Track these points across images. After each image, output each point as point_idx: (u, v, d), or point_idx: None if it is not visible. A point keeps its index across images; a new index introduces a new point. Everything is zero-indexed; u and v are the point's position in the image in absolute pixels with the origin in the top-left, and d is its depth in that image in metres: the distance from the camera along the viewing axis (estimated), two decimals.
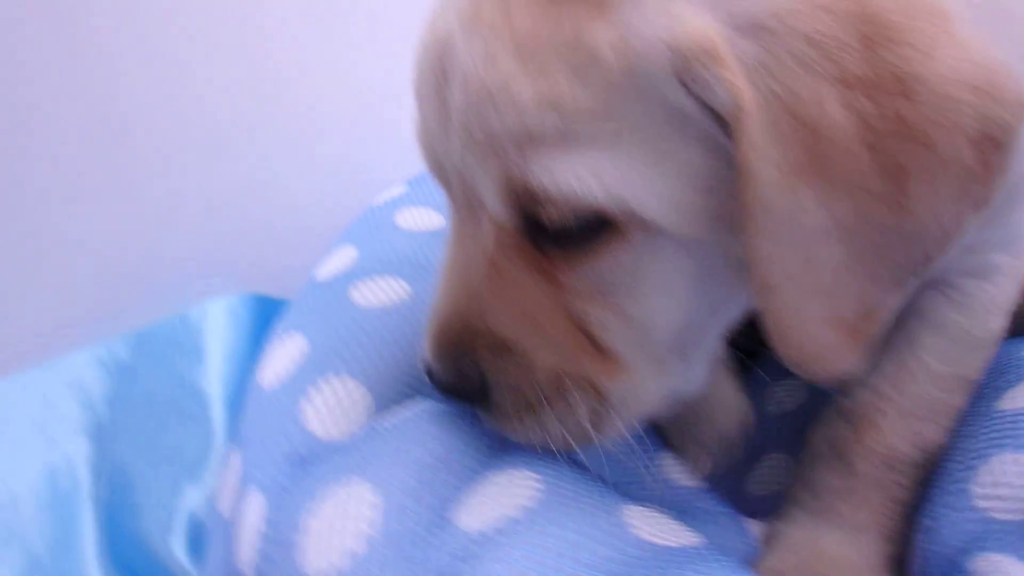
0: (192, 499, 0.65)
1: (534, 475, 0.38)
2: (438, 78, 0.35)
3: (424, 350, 0.41)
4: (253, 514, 0.41)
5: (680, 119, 0.32)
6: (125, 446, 0.65)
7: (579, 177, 0.32)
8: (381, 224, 0.68)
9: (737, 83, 0.30)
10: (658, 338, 0.38)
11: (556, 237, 0.36)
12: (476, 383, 0.39)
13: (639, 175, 0.32)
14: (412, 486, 0.38)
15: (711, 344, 0.40)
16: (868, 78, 0.29)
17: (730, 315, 0.39)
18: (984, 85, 0.29)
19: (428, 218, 0.69)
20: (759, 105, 0.30)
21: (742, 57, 0.30)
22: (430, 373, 0.41)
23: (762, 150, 0.30)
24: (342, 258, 0.62)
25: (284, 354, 0.51)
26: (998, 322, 0.46)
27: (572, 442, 0.38)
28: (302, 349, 0.50)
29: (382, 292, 0.55)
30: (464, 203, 0.38)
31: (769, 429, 0.40)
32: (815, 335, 0.32)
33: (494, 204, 0.36)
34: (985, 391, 0.47)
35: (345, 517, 0.36)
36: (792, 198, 0.30)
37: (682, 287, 0.36)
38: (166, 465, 0.65)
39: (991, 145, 0.30)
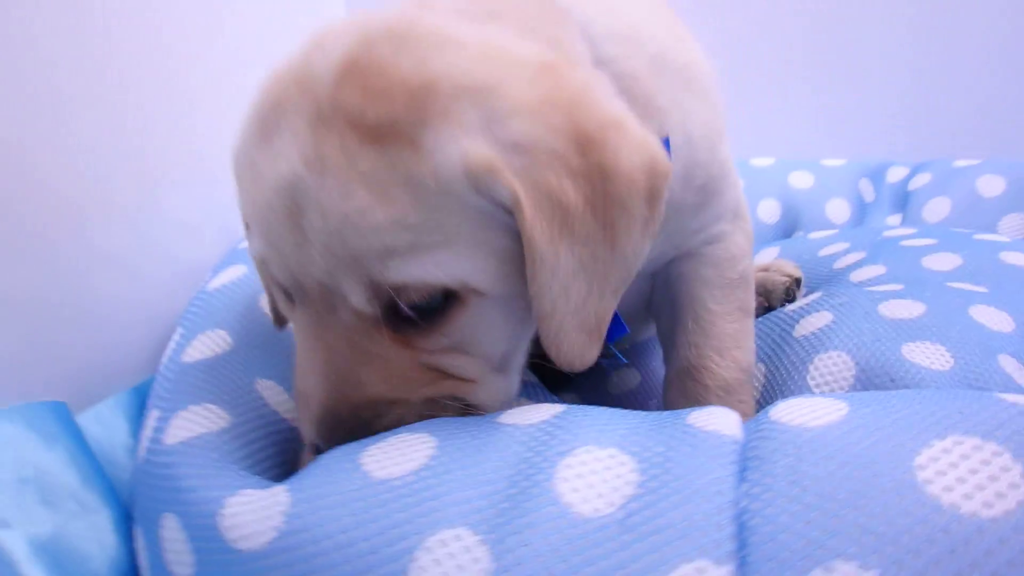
0: None
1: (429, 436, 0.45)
2: (291, 210, 0.44)
3: (312, 436, 0.49)
4: None
5: (485, 216, 0.45)
6: None
7: (428, 272, 0.44)
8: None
9: (512, 184, 0.43)
10: (494, 361, 0.52)
11: (409, 319, 0.47)
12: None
13: (468, 260, 0.45)
14: None
15: (521, 357, 0.55)
16: (585, 170, 0.44)
17: (528, 337, 0.54)
18: (650, 164, 0.46)
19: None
20: (527, 196, 0.43)
21: (511, 167, 0.43)
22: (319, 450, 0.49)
23: (534, 224, 0.43)
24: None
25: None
26: (743, 264, 0.66)
27: None
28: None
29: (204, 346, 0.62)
30: (322, 303, 0.47)
31: (619, 406, 0.51)
32: (573, 341, 0.47)
33: (360, 302, 0.46)
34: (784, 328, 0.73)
35: None
36: (554, 252, 0.44)
37: (502, 326, 0.50)
38: None
39: (655, 198, 0.47)
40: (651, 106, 0.55)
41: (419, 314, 0.46)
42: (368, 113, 0.43)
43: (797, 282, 0.88)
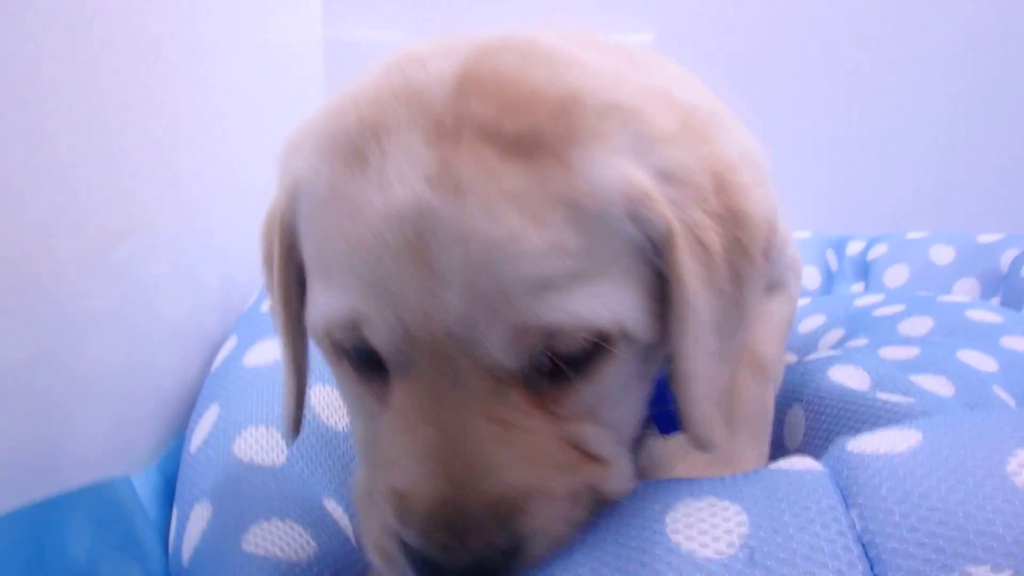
0: None
1: None
2: (414, 244, 0.36)
3: (418, 545, 0.37)
4: None
5: (636, 247, 0.40)
6: None
7: (588, 308, 0.38)
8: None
9: (667, 216, 0.39)
10: (626, 433, 0.45)
11: (548, 375, 0.40)
12: (503, 551, 0.37)
13: (625, 295, 0.39)
14: None
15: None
16: (720, 212, 0.41)
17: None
18: (772, 214, 0.43)
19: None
20: (680, 231, 0.39)
21: (665, 197, 0.39)
22: (436, 568, 0.37)
23: (687, 265, 0.39)
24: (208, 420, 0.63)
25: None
26: (792, 307, 0.69)
27: None
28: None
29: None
30: (443, 366, 0.38)
31: None
32: (708, 415, 0.42)
33: (502, 353, 0.38)
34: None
35: None
36: (705, 300, 0.40)
37: (640, 387, 0.44)
38: None
39: (769, 253, 0.44)
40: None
41: (569, 366, 0.39)
42: (506, 125, 0.37)
43: None
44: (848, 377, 0.70)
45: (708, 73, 0.60)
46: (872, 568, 0.34)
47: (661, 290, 0.41)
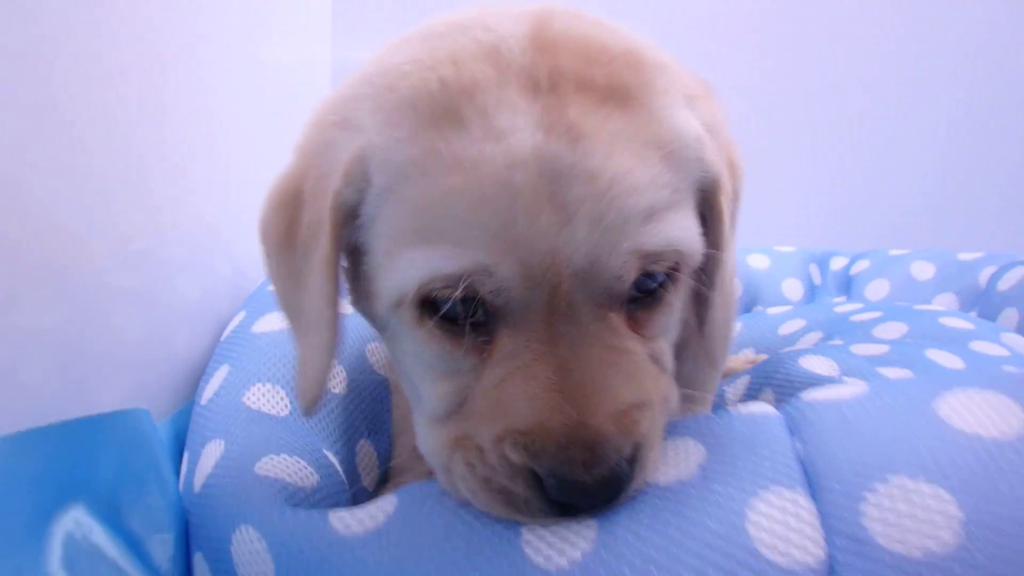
0: None
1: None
2: (542, 188, 0.39)
3: (558, 470, 0.38)
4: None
5: (698, 184, 0.45)
6: None
7: (679, 233, 0.42)
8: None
9: (716, 161, 0.45)
10: (674, 352, 0.50)
11: (640, 300, 0.44)
12: (628, 458, 0.40)
13: (693, 225, 0.44)
14: None
15: None
16: (729, 163, 0.48)
17: None
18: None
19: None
20: (721, 175, 0.46)
21: (713, 145, 0.45)
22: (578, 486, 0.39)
23: (725, 207, 0.46)
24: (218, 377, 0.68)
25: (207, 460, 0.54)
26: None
27: None
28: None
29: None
30: (561, 308, 0.41)
31: None
32: (721, 336, 0.50)
33: (617, 279, 0.41)
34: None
35: None
36: (733, 239, 0.46)
37: (682, 311, 0.50)
38: None
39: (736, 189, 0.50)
40: None
41: (646, 296, 0.44)
42: (596, 77, 0.41)
43: None
44: (817, 365, 0.74)
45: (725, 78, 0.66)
46: (809, 482, 0.38)
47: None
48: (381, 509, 0.42)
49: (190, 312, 0.81)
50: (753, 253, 1.38)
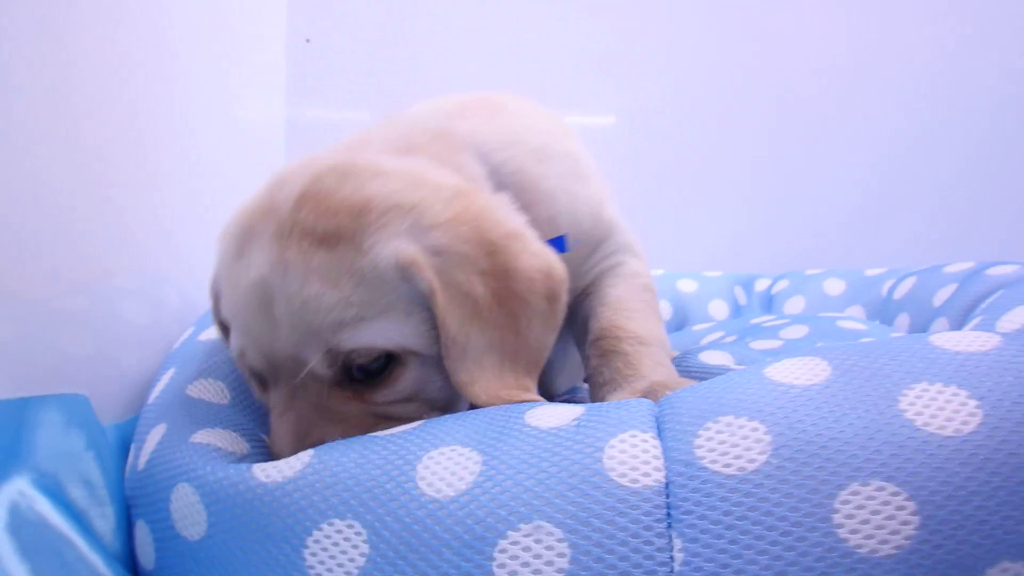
0: None
1: None
2: (263, 303, 0.56)
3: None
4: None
5: (411, 298, 0.56)
6: None
7: (372, 338, 0.56)
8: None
9: (430, 279, 0.55)
10: (439, 405, 0.61)
11: (363, 379, 0.58)
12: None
13: (403, 328, 0.57)
14: None
15: (463, 401, 0.63)
16: (492, 270, 0.57)
17: None
18: (546, 269, 0.59)
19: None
20: (442, 289, 0.55)
21: (431, 266, 0.56)
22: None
23: (446, 311, 0.55)
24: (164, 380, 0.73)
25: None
26: (642, 279, 0.78)
27: None
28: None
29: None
30: (290, 377, 0.57)
31: None
32: (482, 395, 0.56)
33: (320, 367, 0.56)
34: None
35: None
36: (465, 334, 0.56)
37: (442, 378, 0.60)
38: None
39: (555, 299, 0.59)
40: (539, 191, 0.70)
41: (369, 374, 0.57)
42: (319, 226, 0.56)
43: None
44: (714, 358, 0.83)
45: (660, 147, 0.77)
46: (659, 428, 0.46)
47: None
48: (299, 460, 0.48)
49: (139, 336, 0.87)
50: (682, 278, 1.48)
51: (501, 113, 0.76)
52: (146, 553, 0.53)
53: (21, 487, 0.52)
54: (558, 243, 0.70)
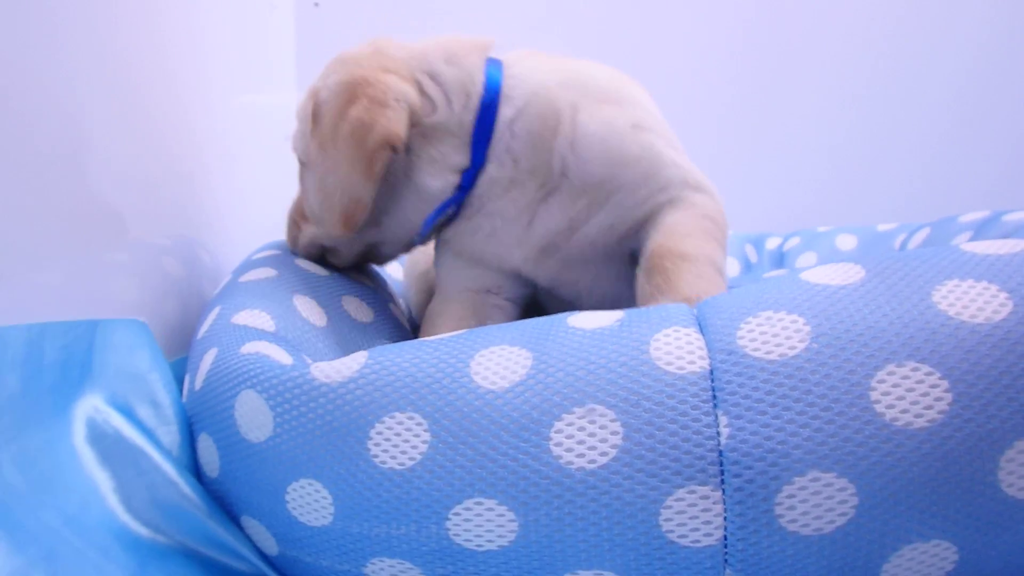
0: None
1: None
2: None
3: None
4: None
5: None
6: None
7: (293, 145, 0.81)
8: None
9: (307, 110, 0.75)
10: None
11: None
12: None
13: (302, 143, 0.78)
14: None
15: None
16: (339, 113, 0.70)
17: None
18: (370, 123, 0.70)
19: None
20: (311, 118, 0.74)
21: (316, 102, 0.73)
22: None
23: (311, 135, 0.74)
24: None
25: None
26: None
27: None
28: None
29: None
30: None
31: None
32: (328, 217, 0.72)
33: None
34: None
35: None
36: (312, 157, 0.74)
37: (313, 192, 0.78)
38: None
39: (363, 146, 0.70)
40: (554, 107, 0.73)
41: None
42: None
43: None
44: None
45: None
46: (699, 324, 0.48)
47: None
48: (355, 360, 0.51)
49: (177, 287, 0.90)
50: None
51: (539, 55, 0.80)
52: (210, 462, 0.55)
53: (96, 403, 0.55)
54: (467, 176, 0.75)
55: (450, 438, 0.45)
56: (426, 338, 0.53)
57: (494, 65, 0.75)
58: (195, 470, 0.61)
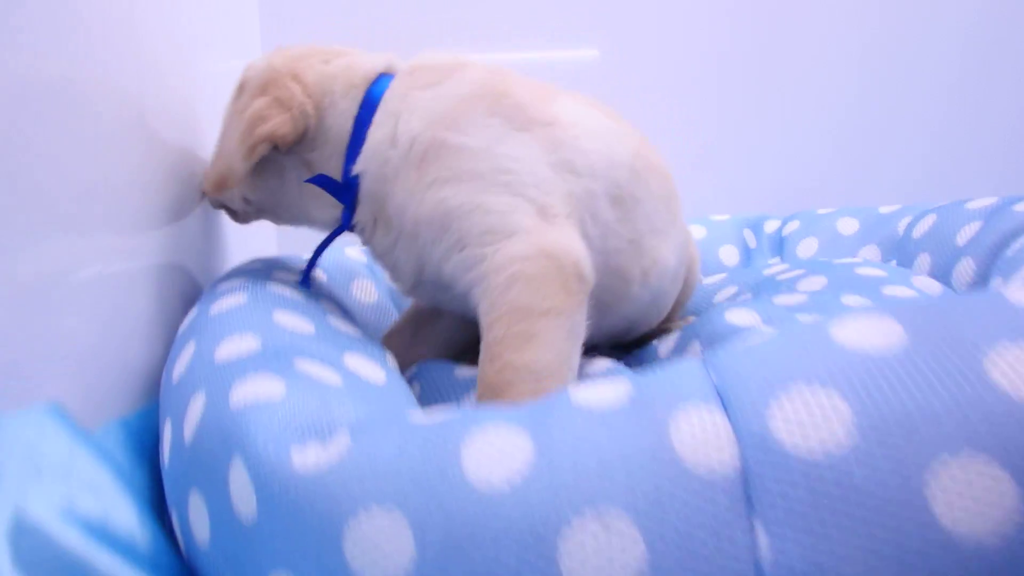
0: None
1: None
2: None
3: None
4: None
5: None
6: None
7: None
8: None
9: (238, 89, 0.84)
10: None
11: None
12: None
13: None
14: None
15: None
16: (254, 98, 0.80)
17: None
18: (263, 113, 0.77)
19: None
20: (238, 98, 0.82)
21: (246, 82, 0.82)
22: None
23: (233, 104, 0.83)
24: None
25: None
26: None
27: None
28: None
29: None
30: None
31: None
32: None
33: None
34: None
35: None
36: (226, 131, 0.82)
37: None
38: None
39: (252, 132, 0.77)
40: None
41: None
42: None
43: None
44: (740, 318, 0.80)
45: (649, 82, 0.71)
46: (722, 400, 0.43)
47: None
48: (336, 445, 0.45)
49: (146, 325, 0.82)
50: (690, 224, 1.44)
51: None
52: (200, 528, 0.50)
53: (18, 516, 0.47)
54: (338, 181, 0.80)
55: (438, 547, 0.39)
56: (416, 418, 0.47)
57: (375, 95, 0.79)
58: (169, 533, 0.56)
